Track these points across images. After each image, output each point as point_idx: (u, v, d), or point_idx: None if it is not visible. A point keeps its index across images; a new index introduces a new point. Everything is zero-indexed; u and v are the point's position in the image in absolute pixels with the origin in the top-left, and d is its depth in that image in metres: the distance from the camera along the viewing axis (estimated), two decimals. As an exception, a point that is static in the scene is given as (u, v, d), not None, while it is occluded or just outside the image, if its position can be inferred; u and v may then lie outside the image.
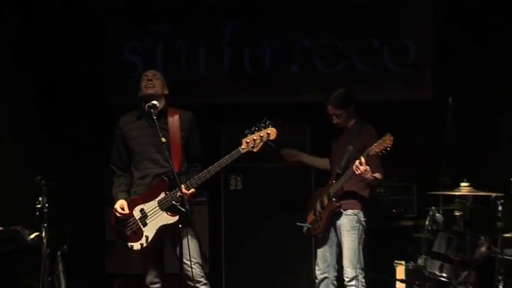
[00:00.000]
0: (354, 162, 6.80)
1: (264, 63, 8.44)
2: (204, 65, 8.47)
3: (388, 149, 6.66)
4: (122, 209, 6.30)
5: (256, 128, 6.23)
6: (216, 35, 8.44)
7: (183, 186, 6.06)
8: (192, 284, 6.24)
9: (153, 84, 6.36)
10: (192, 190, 6.19)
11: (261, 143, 6.22)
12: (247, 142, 6.22)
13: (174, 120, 6.38)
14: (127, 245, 6.33)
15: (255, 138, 6.22)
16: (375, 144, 6.69)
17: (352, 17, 8.30)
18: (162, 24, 8.41)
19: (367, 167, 6.67)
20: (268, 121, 6.23)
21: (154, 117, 6.14)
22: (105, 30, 8.40)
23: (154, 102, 6.22)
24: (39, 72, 8.11)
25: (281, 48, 8.40)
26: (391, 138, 6.65)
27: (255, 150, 6.22)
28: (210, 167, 6.22)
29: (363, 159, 6.67)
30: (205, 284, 6.37)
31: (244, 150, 6.22)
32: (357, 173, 6.72)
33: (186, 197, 6.01)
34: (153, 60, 8.30)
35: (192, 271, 6.19)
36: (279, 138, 6.26)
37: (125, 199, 6.35)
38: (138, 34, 8.45)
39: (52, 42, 8.14)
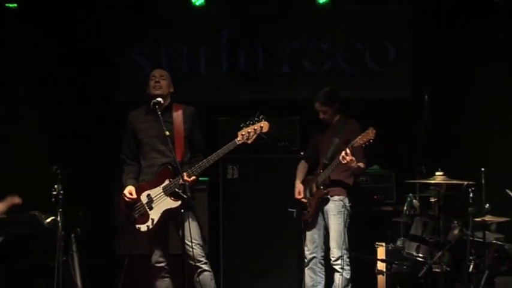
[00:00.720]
0: (340, 153, 6.82)
1: (257, 64, 8.43)
2: (203, 65, 8.45)
3: (371, 141, 6.71)
4: (130, 193, 6.30)
5: (251, 122, 6.21)
6: (214, 39, 8.42)
7: (185, 174, 6.08)
8: (193, 263, 6.24)
9: (160, 85, 6.36)
10: (193, 177, 6.19)
11: (255, 135, 6.20)
12: (242, 134, 6.21)
13: (178, 114, 6.38)
14: (135, 227, 6.32)
15: (249, 131, 6.20)
16: (359, 136, 6.73)
17: (337, 22, 8.27)
18: (165, 30, 8.37)
19: (353, 157, 6.70)
20: (262, 115, 6.21)
21: (159, 113, 6.15)
22: (115, 36, 8.35)
23: (159, 99, 6.26)
24: (57, 73, 8.11)
25: (272, 50, 8.39)
26: (374, 131, 6.69)
27: (249, 141, 6.21)
28: (209, 157, 6.23)
29: (348, 151, 6.70)
30: (205, 263, 6.35)
31: (240, 142, 6.21)
32: (343, 162, 6.75)
33: (188, 183, 6.03)
34: (158, 62, 8.26)
35: (193, 251, 6.18)
36: (271, 131, 6.24)
37: (133, 185, 6.34)
38: (145, 39, 8.42)
39: (70, 46, 8.14)
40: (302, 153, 7.51)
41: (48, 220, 6.69)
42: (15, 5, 8.06)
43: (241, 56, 8.42)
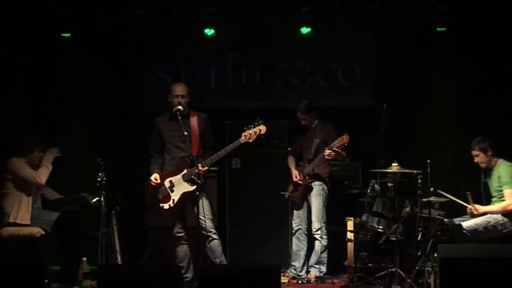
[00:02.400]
0: (320, 150, 6.99)
1: (255, 80, 8.39)
2: (213, 81, 8.42)
3: (346, 145, 6.82)
4: (156, 179, 6.36)
5: (252, 125, 6.25)
6: (222, 60, 8.39)
7: (199, 165, 6.13)
8: (205, 233, 6.29)
9: (181, 101, 6.37)
10: (206, 168, 6.23)
11: (255, 136, 6.24)
12: (245, 135, 6.24)
13: (194, 119, 6.42)
14: (159, 205, 6.37)
15: (251, 132, 6.23)
16: (336, 141, 6.84)
17: (316, 48, 8.23)
18: (184, 54, 8.34)
19: (334, 154, 6.88)
20: (261, 121, 6.25)
21: (180, 118, 6.20)
22: (148, 59, 8.34)
23: (180, 107, 6.31)
24: (103, 85, 8.13)
25: (267, 69, 8.36)
26: (348, 137, 6.78)
27: (250, 141, 6.25)
28: (218, 152, 6.29)
29: (330, 151, 6.85)
30: (214, 233, 6.39)
31: (243, 141, 6.25)
32: (328, 158, 6.92)
33: (201, 172, 6.10)
34: (178, 78, 8.23)
35: (205, 224, 6.21)
36: (268, 133, 6.27)
37: (158, 173, 6.39)
38: (169, 60, 8.39)
39: (113, 65, 8.16)
40: (289, 149, 7.52)
41: (94, 200, 6.72)
42: (69, 34, 8.05)
43: (243, 73, 8.37)
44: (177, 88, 6.45)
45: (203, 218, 6.19)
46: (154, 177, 6.37)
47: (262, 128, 6.24)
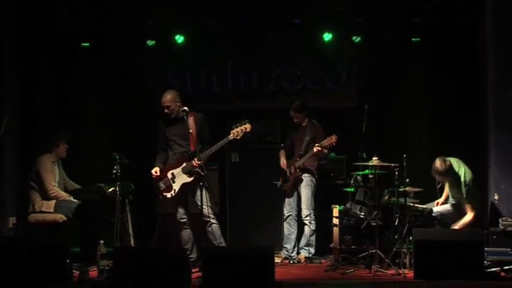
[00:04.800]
0: (310, 146, 6.99)
1: (252, 84, 8.36)
2: (215, 84, 8.38)
3: (334, 144, 6.80)
4: (156, 172, 6.42)
5: (239, 124, 6.26)
6: (222, 66, 8.35)
7: (196, 159, 6.16)
8: (205, 219, 6.30)
9: (167, 110, 6.40)
10: (201, 161, 6.18)
11: (242, 134, 6.26)
12: (233, 133, 6.25)
13: (192, 119, 6.38)
14: (163, 195, 6.42)
15: (238, 130, 6.25)
16: (325, 140, 6.82)
17: (307, 56, 8.21)
18: (188, 59, 8.30)
19: (323, 150, 6.90)
20: (246, 120, 6.28)
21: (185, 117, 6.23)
22: (153, 63, 8.29)
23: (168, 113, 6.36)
24: (117, 89, 8.10)
25: (263, 75, 8.33)
26: (336, 137, 6.76)
27: (238, 138, 6.27)
28: (211, 147, 6.30)
29: (320, 147, 6.85)
30: (213, 219, 6.41)
31: (232, 138, 6.27)
32: (318, 154, 6.93)
33: (196, 165, 6.16)
34: (183, 82, 8.24)
35: (205, 210, 6.22)
36: (262, 129, 6.28)
37: (159, 167, 6.45)
38: (175, 67, 8.34)
39: (127, 74, 8.13)
40: (282, 145, 7.52)
41: (110, 190, 6.70)
42: (88, 44, 8.05)
43: (241, 78, 8.35)
44: (162, 100, 6.45)
45: (204, 205, 6.16)
46: (155, 171, 6.44)
47: (248, 126, 6.25)
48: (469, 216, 6.51)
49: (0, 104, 6.91)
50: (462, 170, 6.61)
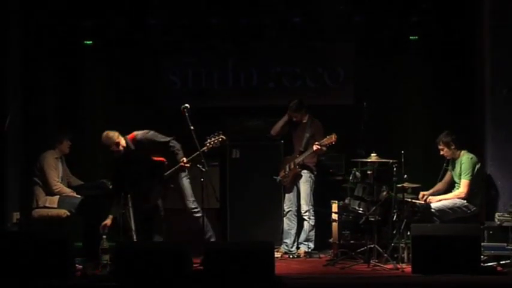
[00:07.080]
0: (310, 144, 6.96)
1: (252, 82, 8.30)
2: (216, 82, 8.31)
3: (333, 143, 6.75)
4: None
5: (213, 136, 6.43)
6: (224, 65, 8.28)
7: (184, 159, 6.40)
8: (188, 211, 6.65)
9: (117, 151, 6.60)
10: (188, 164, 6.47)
11: (218, 144, 6.44)
12: (207, 145, 6.40)
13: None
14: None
15: (212, 142, 6.42)
16: (325, 139, 6.81)
17: (306, 53, 8.16)
18: (190, 58, 8.24)
19: (323, 148, 6.86)
20: (220, 132, 6.45)
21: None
22: (157, 61, 8.23)
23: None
24: (125, 86, 8.05)
25: (263, 73, 8.27)
26: (336, 136, 6.74)
27: (216, 146, 6.45)
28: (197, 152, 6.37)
29: (319, 145, 6.81)
30: (198, 212, 6.57)
31: (206, 150, 6.40)
32: (318, 152, 6.90)
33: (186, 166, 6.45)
34: (185, 80, 8.20)
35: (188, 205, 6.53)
36: (262, 126, 6.26)
37: None
38: (177, 66, 8.28)
39: (130, 71, 8.05)
40: (282, 141, 7.49)
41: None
42: (91, 42, 7.99)
43: (242, 76, 8.29)
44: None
45: (189, 201, 6.49)
46: None
47: (222, 138, 6.43)
48: (462, 189, 6.48)
49: (4, 101, 6.88)
50: (474, 157, 6.60)
